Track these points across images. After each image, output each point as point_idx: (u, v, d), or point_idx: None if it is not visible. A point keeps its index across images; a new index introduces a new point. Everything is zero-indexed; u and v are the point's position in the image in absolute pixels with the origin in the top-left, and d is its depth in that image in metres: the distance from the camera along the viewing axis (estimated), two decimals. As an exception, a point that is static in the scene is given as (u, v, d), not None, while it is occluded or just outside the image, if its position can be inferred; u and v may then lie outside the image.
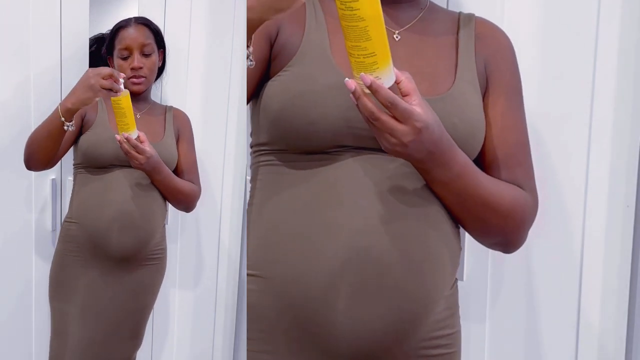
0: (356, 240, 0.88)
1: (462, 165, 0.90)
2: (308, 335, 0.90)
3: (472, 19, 1.06)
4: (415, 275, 0.89)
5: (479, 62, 1.02)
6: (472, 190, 0.92)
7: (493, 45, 1.04)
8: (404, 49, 0.99)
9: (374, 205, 0.90)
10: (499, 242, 1.01)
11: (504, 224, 0.96)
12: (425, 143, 0.83)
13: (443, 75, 0.99)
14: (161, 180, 1.67)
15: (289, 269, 0.91)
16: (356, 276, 0.88)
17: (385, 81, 0.80)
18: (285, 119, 0.92)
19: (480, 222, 0.96)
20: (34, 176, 1.83)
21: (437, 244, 0.93)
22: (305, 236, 0.91)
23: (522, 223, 0.99)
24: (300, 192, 0.93)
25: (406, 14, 1.03)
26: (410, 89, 0.82)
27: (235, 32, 2.00)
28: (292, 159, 0.95)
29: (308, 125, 0.91)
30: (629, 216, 1.34)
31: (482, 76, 1.02)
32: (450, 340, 0.97)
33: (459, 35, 1.03)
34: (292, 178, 0.94)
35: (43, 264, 1.81)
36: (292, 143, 0.94)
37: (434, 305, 0.92)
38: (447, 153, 0.88)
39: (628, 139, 1.33)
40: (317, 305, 0.89)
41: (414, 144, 0.82)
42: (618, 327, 1.35)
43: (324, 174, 0.92)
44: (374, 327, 0.88)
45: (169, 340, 2.06)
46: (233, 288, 2.06)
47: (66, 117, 1.54)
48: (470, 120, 0.96)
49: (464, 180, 0.91)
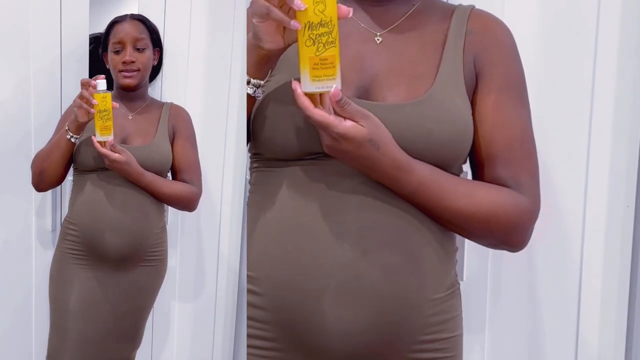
0: (334, 246, 0.89)
1: (419, 180, 0.89)
2: (302, 336, 0.91)
3: (466, 12, 1.01)
4: (390, 280, 0.89)
5: (467, 59, 0.97)
6: (437, 202, 0.91)
7: (486, 40, 0.99)
8: (385, 51, 0.97)
9: (354, 209, 0.90)
10: (493, 244, 0.99)
11: (487, 228, 0.93)
12: (356, 156, 0.86)
13: (423, 76, 0.95)
14: (146, 185, 1.67)
15: (276, 272, 0.92)
16: (337, 278, 0.88)
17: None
18: (265, 130, 0.93)
19: (459, 228, 0.95)
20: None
21: (419, 247, 0.92)
22: (289, 240, 0.91)
23: (511, 224, 0.95)
24: (283, 198, 0.93)
25: (393, 12, 1.00)
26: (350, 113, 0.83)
27: (235, 31, 2.00)
28: (274, 166, 0.96)
29: (283, 135, 0.91)
30: (629, 216, 1.34)
31: (471, 73, 0.97)
32: (447, 344, 0.95)
33: (449, 32, 0.98)
34: (276, 184, 0.95)
35: (43, 264, 1.81)
36: (272, 152, 0.95)
37: (417, 309, 0.91)
38: (391, 170, 0.88)
39: (628, 139, 1.33)
40: (306, 308, 0.89)
41: (345, 153, 0.86)
42: (618, 327, 1.36)
43: (303, 180, 0.92)
44: (358, 330, 0.89)
45: (169, 340, 2.06)
46: (233, 288, 2.06)
47: (73, 131, 1.58)
48: (450, 125, 0.92)
49: (425, 194, 0.90)
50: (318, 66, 0.81)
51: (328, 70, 0.81)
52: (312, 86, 0.82)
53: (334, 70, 0.81)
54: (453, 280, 0.98)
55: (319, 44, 0.81)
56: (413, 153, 0.90)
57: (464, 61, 0.97)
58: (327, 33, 0.80)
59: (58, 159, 1.62)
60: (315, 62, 0.81)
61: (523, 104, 0.99)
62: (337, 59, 0.81)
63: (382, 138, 0.86)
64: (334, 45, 0.81)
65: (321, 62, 0.81)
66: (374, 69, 0.96)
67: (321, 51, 0.81)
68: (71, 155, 1.65)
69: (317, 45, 0.81)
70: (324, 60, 0.81)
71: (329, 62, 0.81)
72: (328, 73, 0.82)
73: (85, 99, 1.51)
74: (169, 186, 1.73)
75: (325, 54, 0.81)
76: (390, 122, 0.89)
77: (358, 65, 0.96)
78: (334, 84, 0.82)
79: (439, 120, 0.91)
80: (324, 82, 0.82)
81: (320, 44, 0.81)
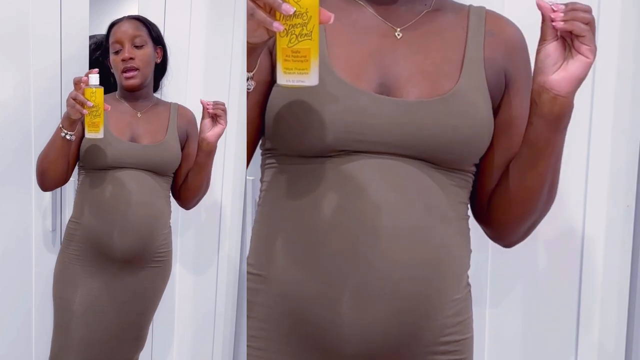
0: (355, 244, 0.87)
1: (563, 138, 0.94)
2: (311, 336, 0.90)
3: (482, 13, 1.01)
4: (413, 280, 0.88)
5: (489, 59, 0.97)
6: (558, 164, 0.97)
7: (508, 43, 1.00)
8: (406, 47, 0.97)
9: (373, 208, 0.88)
10: (536, 222, 1.03)
11: (552, 197, 1.00)
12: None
13: (447, 74, 0.95)
14: (211, 164, 1.69)
15: (290, 271, 0.91)
16: (356, 279, 0.87)
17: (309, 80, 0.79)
18: (283, 126, 0.92)
19: (553, 188, 0.99)
20: (34, 176, 1.83)
21: (439, 247, 0.91)
22: (306, 239, 0.90)
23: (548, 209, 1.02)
24: (301, 196, 0.92)
25: (410, 10, 1.00)
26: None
27: (235, 31, 2.00)
28: (293, 162, 0.94)
29: (304, 132, 0.90)
30: (629, 216, 1.34)
31: (494, 74, 0.98)
32: (459, 346, 0.95)
33: (468, 31, 0.99)
34: (294, 181, 0.94)
35: (43, 264, 1.81)
36: (292, 148, 0.93)
37: (438, 310, 0.91)
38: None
39: (628, 139, 1.33)
40: (319, 308, 0.88)
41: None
42: (618, 327, 1.36)
43: (323, 178, 0.91)
44: (377, 330, 0.88)
45: (169, 341, 2.06)
46: (233, 288, 2.06)
47: (66, 127, 1.55)
48: (473, 121, 0.93)
49: (560, 152, 0.95)
50: (289, 58, 0.78)
51: (300, 64, 0.77)
52: (283, 79, 0.79)
53: (307, 64, 0.77)
54: (466, 281, 0.98)
55: (291, 35, 0.77)
56: (437, 149, 0.91)
57: (484, 60, 0.97)
58: (301, 25, 0.77)
59: (56, 157, 1.60)
60: (287, 53, 0.77)
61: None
62: (312, 54, 0.77)
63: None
64: (309, 39, 0.77)
65: (293, 55, 0.78)
66: (395, 65, 0.95)
67: (293, 43, 0.77)
68: (76, 153, 1.64)
69: (290, 36, 0.77)
70: (295, 52, 0.77)
71: (301, 55, 0.77)
72: (300, 67, 0.78)
73: (78, 97, 1.49)
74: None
75: (297, 46, 0.77)
76: (416, 119, 0.89)
77: (378, 60, 0.95)
78: (306, 79, 0.78)
79: (464, 117, 0.92)
80: (295, 76, 0.78)
81: (293, 35, 0.77)
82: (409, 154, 0.90)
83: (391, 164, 0.90)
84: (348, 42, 0.96)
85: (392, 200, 0.89)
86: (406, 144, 0.90)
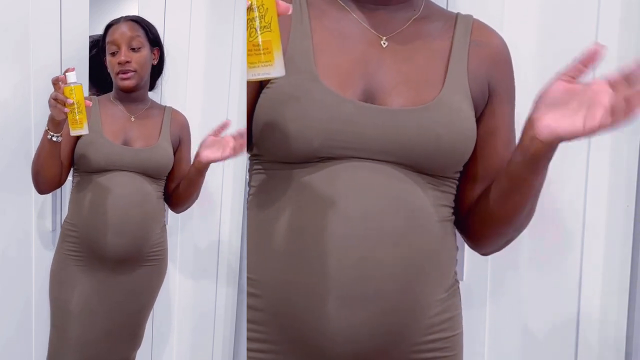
0: (340, 247, 0.88)
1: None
2: (300, 338, 0.91)
3: (469, 22, 1.03)
4: (397, 281, 0.89)
5: (473, 69, 0.98)
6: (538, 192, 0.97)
7: (492, 54, 1.01)
8: (391, 56, 0.97)
9: (357, 212, 0.89)
10: (513, 238, 1.04)
11: (530, 218, 1.01)
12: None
13: (431, 83, 0.96)
14: (203, 176, 1.69)
15: (277, 274, 0.92)
16: (341, 281, 0.88)
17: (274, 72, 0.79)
18: (269, 133, 0.93)
19: (531, 213, 0.99)
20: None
21: (425, 248, 0.92)
22: (291, 242, 0.91)
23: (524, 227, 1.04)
24: (286, 200, 0.93)
25: (397, 17, 1.00)
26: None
27: (235, 32, 2.00)
28: (279, 168, 0.95)
29: (290, 139, 0.91)
30: (629, 216, 1.34)
31: (477, 84, 0.99)
32: (448, 343, 0.96)
33: (454, 39, 1.00)
34: (280, 186, 0.94)
35: (43, 264, 1.81)
36: (277, 155, 0.94)
37: (424, 309, 0.92)
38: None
39: (628, 139, 1.33)
40: (307, 309, 0.89)
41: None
42: (618, 327, 1.36)
43: (308, 183, 0.92)
44: (363, 330, 0.89)
45: (169, 341, 2.06)
46: (233, 289, 2.06)
47: (52, 130, 1.54)
48: (457, 129, 0.94)
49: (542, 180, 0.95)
50: (252, 52, 0.78)
51: (263, 57, 0.77)
52: (249, 73, 0.78)
53: (270, 56, 0.77)
54: (454, 279, 0.99)
55: (251, 29, 0.77)
56: (421, 157, 0.92)
57: (468, 70, 0.98)
58: (259, 17, 0.77)
59: (46, 160, 1.61)
60: (249, 48, 0.77)
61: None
62: (274, 45, 0.77)
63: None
64: (268, 30, 0.77)
65: (254, 48, 0.78)
66: (380, 73, 0.96)
67: (254, 36, 0.77)
68: (70, 156, 1.65)
69: (250, 30, 0.78)
70: (256, 46, 0.78)
71: (263, 47, 0.77)
72: (263, 59, 0.77)
73: (58, 97, 1.48)
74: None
75: (258, 39, 0.77)
76: (400, 127, 0.90)
77: (363, 68, 0.96)
78: (272, 70, 0.78)
79: (447, 126, 0.93)
80: (259, 69, 0.78)
81: (252, 29, 0.77)
82: (393, 160, 0.92)
83: (375, 169, 0.91)
84: (335, 49, 0.97)
85: (376, 204, 0.90)
86: (390, 152, 0.91)
